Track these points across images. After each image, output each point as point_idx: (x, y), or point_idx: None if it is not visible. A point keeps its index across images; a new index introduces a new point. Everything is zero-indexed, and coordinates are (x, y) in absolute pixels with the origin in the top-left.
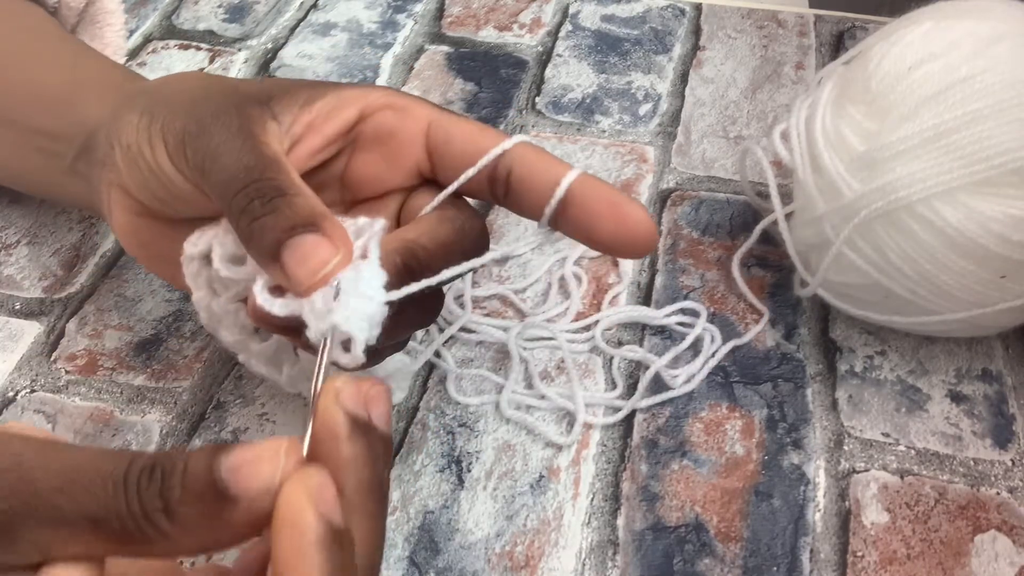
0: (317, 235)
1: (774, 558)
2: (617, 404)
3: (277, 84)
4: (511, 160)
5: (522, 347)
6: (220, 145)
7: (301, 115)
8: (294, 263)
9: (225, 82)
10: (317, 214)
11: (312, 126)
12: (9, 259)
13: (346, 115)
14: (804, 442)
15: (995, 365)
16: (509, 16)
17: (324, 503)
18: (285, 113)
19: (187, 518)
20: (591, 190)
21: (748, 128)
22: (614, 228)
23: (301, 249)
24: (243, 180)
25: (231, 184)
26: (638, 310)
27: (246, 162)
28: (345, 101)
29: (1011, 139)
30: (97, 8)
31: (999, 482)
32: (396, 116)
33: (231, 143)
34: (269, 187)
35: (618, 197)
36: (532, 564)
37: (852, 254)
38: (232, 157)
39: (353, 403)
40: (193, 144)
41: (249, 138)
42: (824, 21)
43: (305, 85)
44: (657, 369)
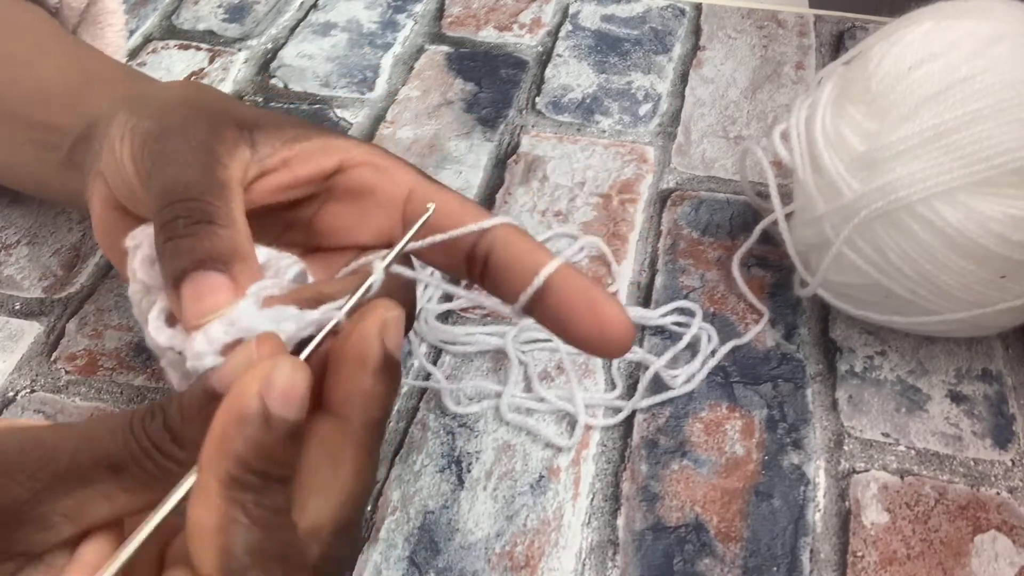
0: (223, 277)
1: (774, 558)
2: (617, 405)
3: (271, 116)
4: (492, 241)
5: (520, 350)
6: (172, 152)
7: (281, 150)
8: (189, 297)
9: (218, 97)
10: (235, 252)
11: (288, 163)
12: (9, 259)
13: (325, 162)
14: (804, 442)
15: (995, 365)
16: (509, 16)
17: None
18: (265, 144)
19: (193, 435)
20: (570, 283)
21: (748, 128)
22: (589, 325)
23: (201, 285)
24: (180, 194)
25: (166, 194)
26: (634, 311)
27: (189, 177)
28: (329, 149)
29: (1011, 139)
30: (98, 8)
31: (999, 482)
32: (376, 174)
33: (184, 154)
34: (200, 209)
35: (596, 294)
36: (532, 564)
37: (852, 254)
38: (178, 167)
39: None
40: (151, 146)
41: (206, 154)
42: (824, 21)
43: (298, 124)
44: (656, 369)
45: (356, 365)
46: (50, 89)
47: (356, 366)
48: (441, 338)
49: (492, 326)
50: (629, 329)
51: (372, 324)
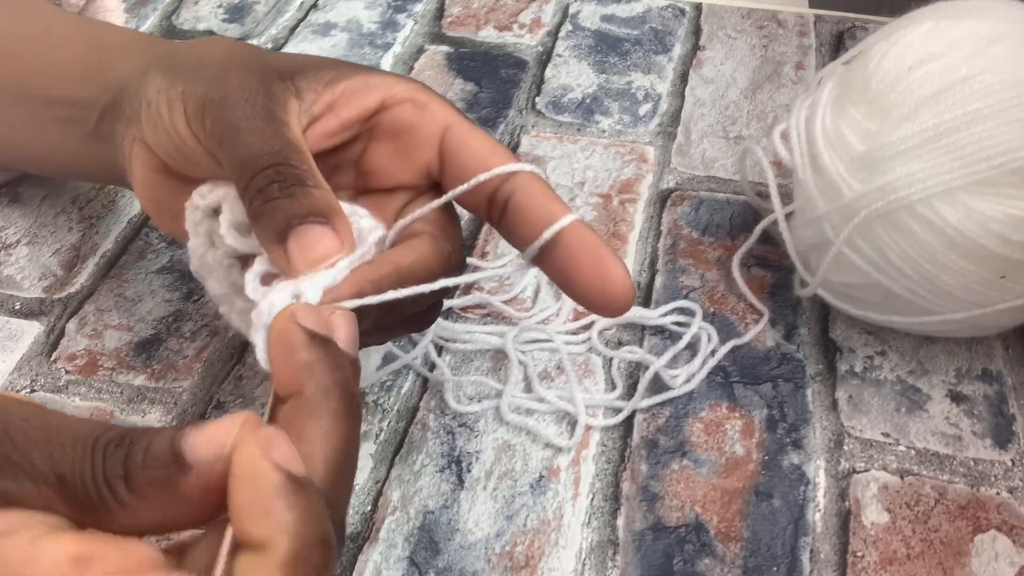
0: (326, 227)
1: (774, 558)
2: (618, 405)
3: (305, 60)
4: (514, 187)
5: (520, 350)
6: (242, 120)
7: (324, 94)
8: (297, 249)
9: (253, 52)
10: (331, 208)
11: (332, 107)
12: (9, 259)
13: (367, 101)
14: (804, 442)
15: (995, 365)
16: (509, 16)
17: (279, 453)
18: (308, 91)
19: (144, 486)
20: (581, 238)
21: (748, 128)
22: (592, 280)
23: (308, 237)
24: (266, 161)
25: (252, 163)
26: (633, 310)
27: (271, 145)
28: (369, 87)
29: (1011, 139)
30: (97, 5)
31: (999, 482)
32: (416, 112)
33: (255, 121)
34: (291, 174)
35: (605, 253)
36: (532, 564)
37: (852, 254)
38: (255, 136)
39: (310, 321)
40: (214, 113)
41: (274, 120)
42: (824, 21)
43: (333, 64)
44: (656, 369)
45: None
46: (67, 64)
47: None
48: (441, 335)
49: (492, 325)
50: (630, 291)
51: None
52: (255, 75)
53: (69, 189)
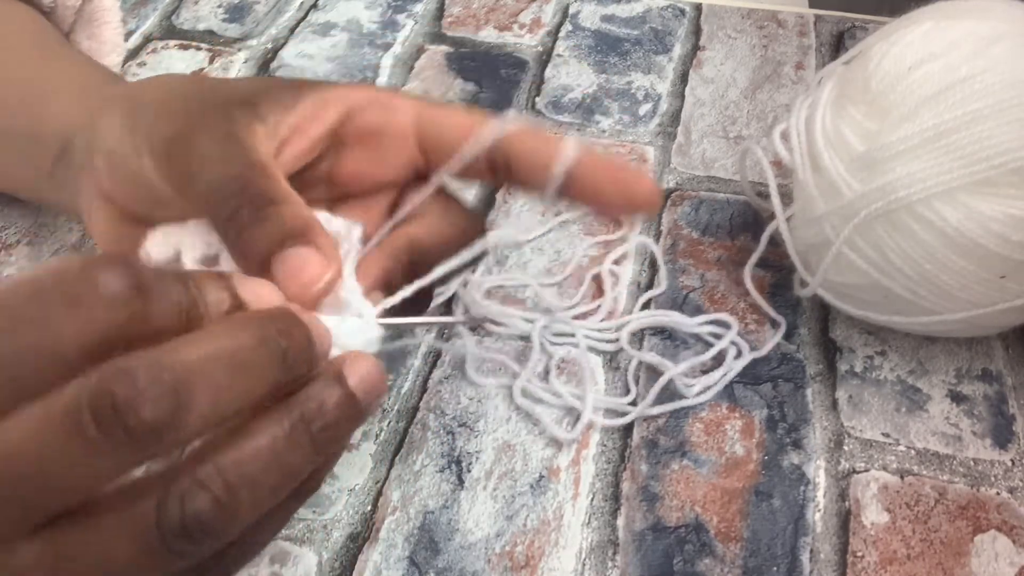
0: (308, 248)
1: (774, 558)
2: (626, 409)
3: (260, 85)
4: (507, 143)
5: (547, 339)
6: (206, 152)
7: (286, 117)
8: (285, 277)
9: (208, 84)
10: (306, 224)
11: (297, 128)
12: (9, 259)
13: (329, 116)
14: (804, 442)
15: (995, 365)
16: (509, 16)
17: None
18: (270, 115)
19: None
20: (590, 160)
21: (748, 128)
22: (619, 189)
23: (292, 263)
24: (231, 188)
25: (218, 192)
26: (669, 315)
27: (234, 170)
28: (328, 102)
29: (1011, 139)
30: (94, 7)
31: (999, 482)
32: (381, 113)
33: (217, 150)
34: (257, 195)
35: (616, 162)
36: (532, 564)
37: (852, 254)
38: (219, 164)
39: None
40: (178, 150)
41: (236, 143)
42: (824, 21)
43: (288, 86)
44: (672, 377)
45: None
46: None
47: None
48: (480, 312)
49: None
50: (654, 186)
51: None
52: (215, 105)
53: None
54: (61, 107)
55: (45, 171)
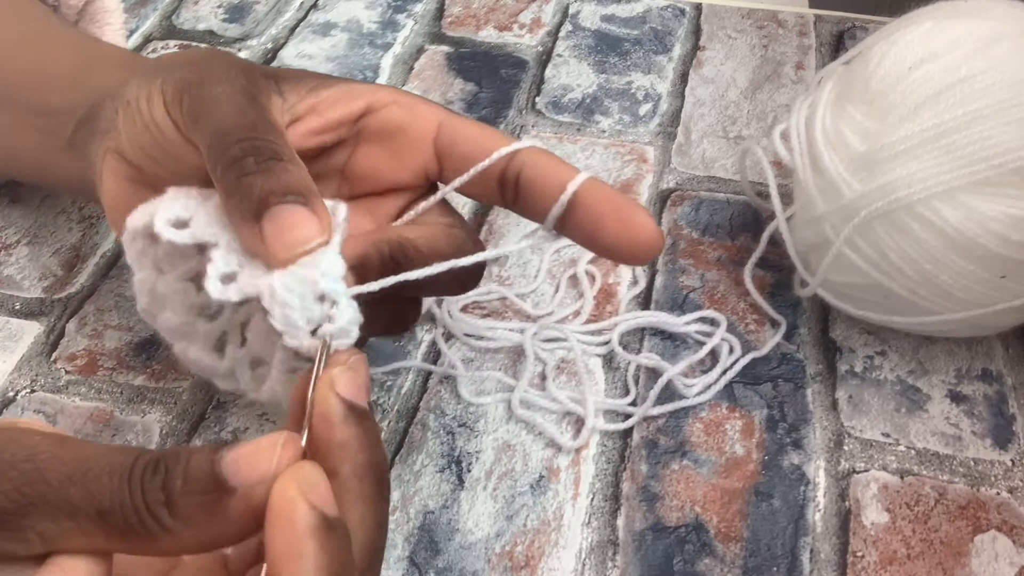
0: (305, 208)
1: (774, 558)
2: (628, 411)
3: (288, 70)
4: (521, 163)
5: (539, 347)
6: (220, 96)
7: (307, 98)
8: (274, 231)
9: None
10: (309, 187)
11: (315, 109)
12: (9, 259)
13: (352, 106)
14: (804, 442)
15: (995, 365)
16: (509, 16)
17: (316, 494)
18: (291, 93)
19: (187, 511)
20: (598, 194)
21: (748, 128)
22: (618, 232)
23: (285, 218)
24: (241, 133)
25: (226, 134)
26: (657, 315)
27: (247, 118)
28: (353, 93)
29: (1011, 139)
30: (96, 7)
31: (999, 482)
32: (404, 112)
33: (233, 97)
34: (267, 147)
35: (624, 201)
36: (532, 564)
37: (852, 254)
38: (232, 108)
39: (349, 390)
40: (192, 92)
41: (252, 101)
42: (824, 21)
43: (315, 75)
44: (671, 377)
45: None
46: (55, 71)
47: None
48: (464, 330)
49: (513, 322)
50: (657, 234)
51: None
52: (238, 67)
53: None
54: (97, 76)
55: (63, 140)
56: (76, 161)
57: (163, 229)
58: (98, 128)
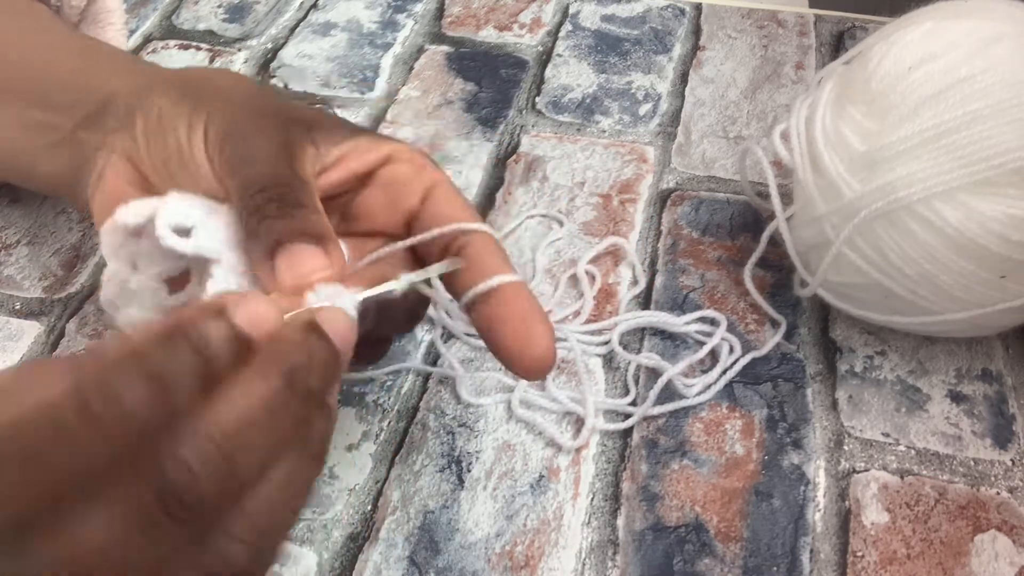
0: (317, 248)
1: (774, 558)
2: (628, 411)
3: (321, 117)
4: (467, 242)
5: None
6: (259, 151)
7: (337, 147)
8: (284, 265)
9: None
10: (325, 233)
11: (343, 159)
12: (9, 259)
13: (374, 157)
14: (804, 442)
15: (995, 365)
16: (509, 16)
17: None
18: (324, 143)
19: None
20: (515, 295)
21: (748, 128)
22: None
23: (296, 256)
24: (268, 182)
25: (257, 183)
26: (657, 315)
27: (278, 171)
28: (377, 145)
29: (1011, 139)
30: (98, 7)
31: (999, 482)
32: (411, 170)
33: (271, 152)
34: (290, 196)
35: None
36: (532, 564)
37: (852, 254)
38: (267, 164)
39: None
40: (234, 143)
41: (287, 153)
42: (824, 21)
43: (345, 125)
44: (671, 377)
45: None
46: (55, 68)
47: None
48: (464, 330)
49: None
50: (546, 363)
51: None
52: (277, 119)
53: None
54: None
55: (60, 135)
56: (66, 158)
57: (165, 233)
58: (105, 126)
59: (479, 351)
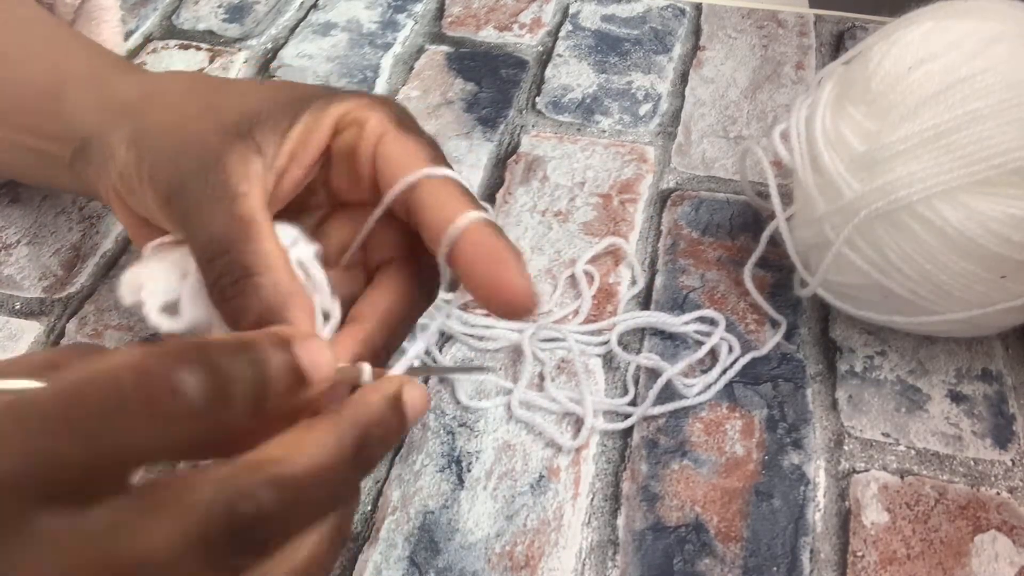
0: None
1: (774, 558)
2: (627, 411)
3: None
4: (419, 193)
5: (538, 347)
6: (197, 206)
7: (284, 145)
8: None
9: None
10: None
11: (293, 156)
12: (9, 259)
13: (321, 137)
14: (804, 442)
15: (995, 365)
16: (509, 16)
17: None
18: (268, 144)
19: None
20: (477, 239)
21: (748, 128)
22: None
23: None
24: (214, 250)
25: (204, 252)
26: (656, 315)
27: (217, 231)
28: (320, 120)
29: (1011, 139)
30: (92, 4)
31: (999, 482)
32: (356, 134)
33: (207, 205)
34: (236, 265)
35: (501, 254)
36: (532, 564)
37: (852, 254)
38: (205, 223)
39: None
40: (176, 201)
41: (226, 197)
42: (824, 21)
43: (286, 104)
44: (670, 377)
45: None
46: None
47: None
48: (458, 327)
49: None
50: (525, 294)
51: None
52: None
53: None
54: (77, 102)
55: (63, 164)
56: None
57: (157, 321)
58: (93, 164)
59: (479, 353)
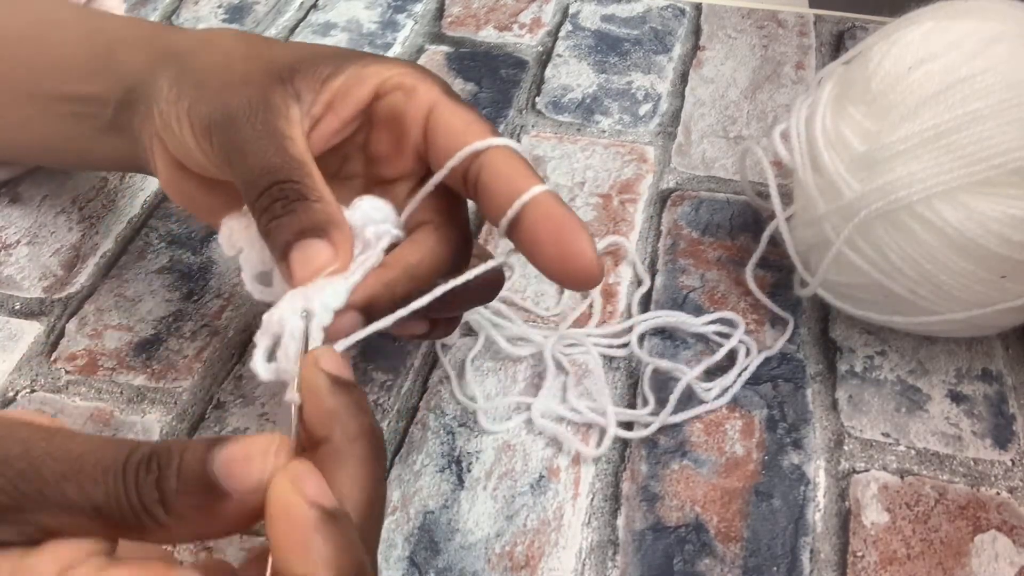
0: (323, 242)
1: (774, 558)
2: (647, 419)
3: (302, 53)
4: (482, 164)
5: (562, 353)
6: (246, 141)
7: (322, 93)
8: (298, 264)
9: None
10: (329, 222)
11: (331, 106)
12: (9, 259)
13: (362, 94)
14: (804, 442)
15: (995, 365)
16: (509, 16)
17: (312, 490)
18: (307, 91)
19: (182, 509)
20: (545, 211)
21: (748, 128)
22: (553, 254)
23: (306, 252)
24: (268, 180)
25: (257, 183)
26: (676, 315)
27: (272, 163)
28: (362, 79)
29: (1011, 139)
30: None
31: (999, 482)
32: (403, 99)
33: (258, 141)
34: (292, 190)
35: (569, 225)
36: (532, 564)
37: (852, 254)
38: (258, 156)
39: (331, 365)
40: (219, 134)
41: (276, 136)
42: (824, 21)
43: (328, 57)
44: (688, 382)
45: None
46: (71, 59)
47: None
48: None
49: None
50: (593, 266)
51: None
52: (257, 86)
53: (69, 189)
54: (128, 57)
55: (102, 126)
56: (122, 141)
57: (252, 288)
58: (138, 111)
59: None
